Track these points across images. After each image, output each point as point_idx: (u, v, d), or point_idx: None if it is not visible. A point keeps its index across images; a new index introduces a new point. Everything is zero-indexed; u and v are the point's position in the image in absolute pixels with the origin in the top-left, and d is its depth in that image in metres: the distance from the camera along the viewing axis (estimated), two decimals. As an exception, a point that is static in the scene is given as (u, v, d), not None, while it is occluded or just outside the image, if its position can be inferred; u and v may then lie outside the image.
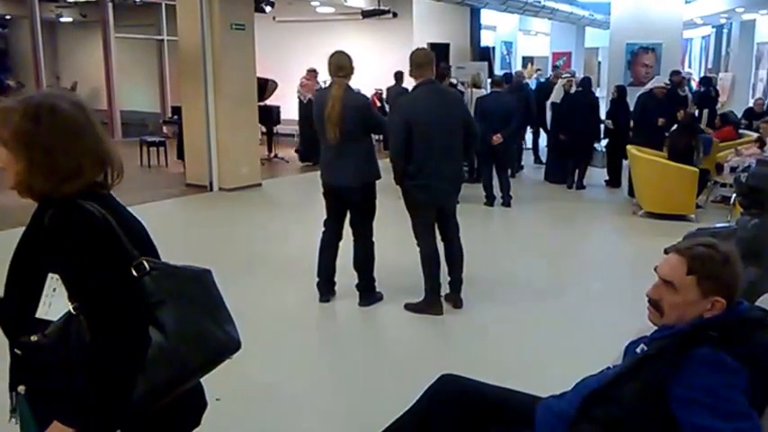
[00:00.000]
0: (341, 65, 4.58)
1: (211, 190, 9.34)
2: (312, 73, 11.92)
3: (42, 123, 1.53)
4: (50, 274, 1.56)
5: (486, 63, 14.42)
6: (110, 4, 15.12)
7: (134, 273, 1.54)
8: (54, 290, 1.56)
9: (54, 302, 1.56)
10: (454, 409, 2.20)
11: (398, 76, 11.76)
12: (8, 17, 17.87)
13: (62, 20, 17.56)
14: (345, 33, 14.23)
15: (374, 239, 4.80)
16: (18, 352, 1.60)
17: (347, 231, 4.85)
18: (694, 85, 14.46)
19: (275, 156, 12.38)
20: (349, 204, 4.73)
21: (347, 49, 4.81)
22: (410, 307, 4.74)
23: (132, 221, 1.66)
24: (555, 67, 14.15)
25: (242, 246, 6.65)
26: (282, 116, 13.17)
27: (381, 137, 9.82)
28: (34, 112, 1.53)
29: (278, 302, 5.00)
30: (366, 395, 3.61)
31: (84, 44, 18.43)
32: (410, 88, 4.95)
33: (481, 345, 4.33)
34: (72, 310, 1.54)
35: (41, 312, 1.56)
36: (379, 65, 12.38)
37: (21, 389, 1.88)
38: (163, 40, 15.99)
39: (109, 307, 1.51)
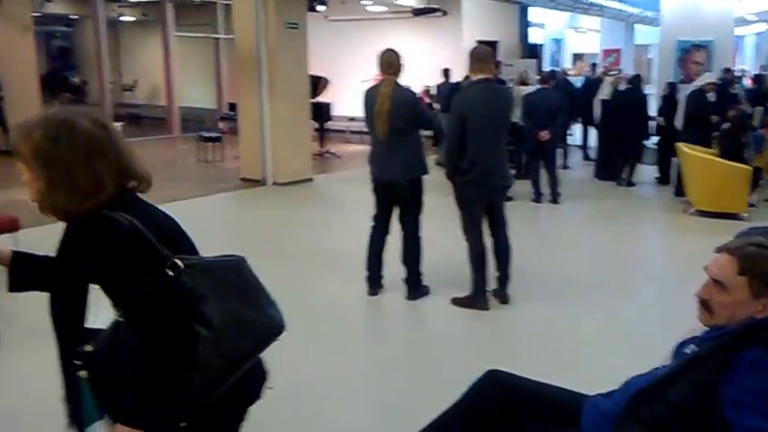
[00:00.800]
0: (390, 62, 4.61)
1: (265, 184, 9.47)
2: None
3: (61, 143, 1.54)
4: (92, 286, 1.62)
5: (534, 60, 14.24)
6: (169, 4, 15.45)
7: (170, 273, 1.55)
8: (98, 300, 1.62)
9: (100, 312, 1.63)
10: (500, 405, 2.19)
11: (447, 72, 11.72)
12: (73, 17, 18.43)
13: (124, 19, 18.03)
14: (395, 31, 14.22)
15: (421, 234, 4.80)
16: (77, 362, 1.65)
17: (395, 226, 4.86)
18: (749, 82, 13.97)
19: (326, 151, 12.47)
20: (397, 199, 4.75)
21: (397, 46, 4.82)
22: (457, 301, 4.73)
23: (163, 221, 1.66)
24: (593, 65, 13.75)
25: (293, 239, 6.73)
26: (334, 113, 13.27)
27: (432, 133, 9.79)
28: (54, 132, 1.55)
29: (327, 295, 5.04)
30: (412, 389, 3.61)
31: (144, 43, 18.88)
32: (460, 84, 4.93)
33: (527, 341, 4.30)
34: (119, 318, 1.59)
35: (91, 322, 1.64)
36: (428, 62, 12.34)
37: (82, 374, 1.96)
38: (219, 38, 16.26)
39: (149, 311, 1.55)
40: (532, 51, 15.57)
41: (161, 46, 15.83)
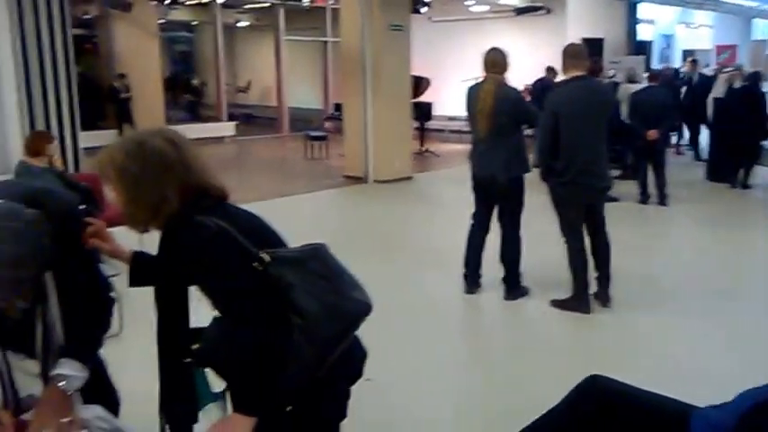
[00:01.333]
0: (495, 61, 4.54)
1: (366, 182, 9.59)
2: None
3: (134, 159, 1.62)
4: (190, 288, 1.68)
5: (642, 57, 13.59)
6: (281, 10, 15.96)
7: (258, 267, 1.59)
8: (198, 299, 1.68)
9: (200, 311, 1.68)
10: (602, 413, 2.09)
11: (550, 70, 11.42)
12: (194, 23, 19.39)
13: (239, 24, 18.78)
14: (498, 31, 13.99)
15: (522, 233, 4.69)
16: (188, 360, 1.72)
17: (495, 224, 4.78)
18: None
19: (426, 150, 12.47)
20: (497, 197, 4.66)
21: (501, 45, 4.73)
22: (557, 303, 4.58)
23: (247, 220, 1.71)
24: (693, 62, 12.90)
25: (392, 235, 6.77)
26: (434, 112, 13.25)
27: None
28: (130, 149, 1.64)
29: (425, 292, 5.03)
30: (508, 391, 3.53)
31: (257, 46, 19.59)
32: (556, 83, 4.78)
33: (631, 346, 4.09)
34: (217, 314, 1.64)
35: (193, 322, 1.70)
36: (530, 61, 12.06)
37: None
38: (327, 41, 16.62)
39: (243, 306, 1.59)
40: (640, 48, 14.86)
41: (273, 49, 16.38)
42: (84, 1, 13.93)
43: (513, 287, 4.77)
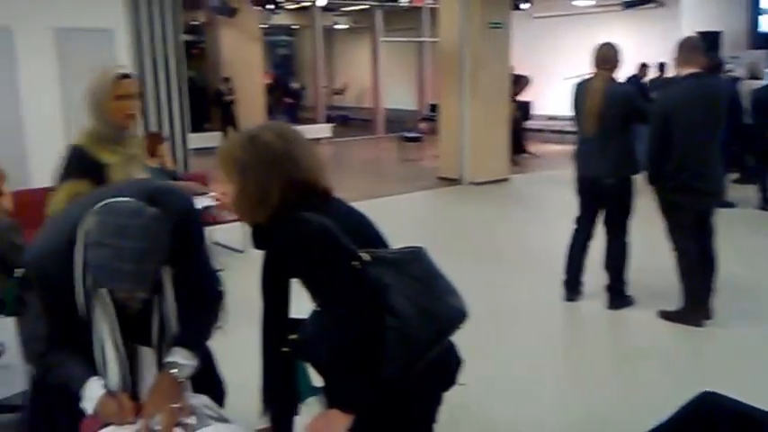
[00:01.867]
0: (606, 57, 4.40)
1: (461, 183, 9.55)
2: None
3: (246, 152, 1.68)
4: (292, 280, 1.73)
5: (765, 52, 12.74)
6: (379, 11, 16.17)
7: (357, 266, 1.62)
8: (298, 292, 1.73)
9: (301, 303, 1.74)
10: None
11: (643, 67, 10.98)
12: (295, 27, 20.00)
13: (337, 27, 19.19)
14: (604, 26, 13.55)
15: (629, 239, 4.53)
16: (285, 350, 1.78)
17: (598, 229, 4.64)
18: None
19: (524, 151, 12.26)
20: (605, 200, 4.51)
21: (606, 41, 4.59)
22: (665, 315, 4.38)
23: (352, 219, 1.75)
24: None
25: (488, 238, 6.71)
26: (533, 111, 13.01)
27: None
28: (243, 142, 1.70)
29: (522, 298, 4.96)
30: (610, 404, 3.42)
31: (353, 49, 19.95)
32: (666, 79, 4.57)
33: (742, 361, 3.85)
34: (316, 308, 1.69)
35: (293, 313, 1.76)
36: (639, 57, 11.61)
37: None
38: (423, 41, 16.69)
39: (341, 303, 1.62)
40: (763, 41, 13.94)
41: (369, 51, 16.63)
42: (192, 8, 14.69)
43: (618, 296, 4.61)
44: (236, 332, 2.17)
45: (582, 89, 4.47)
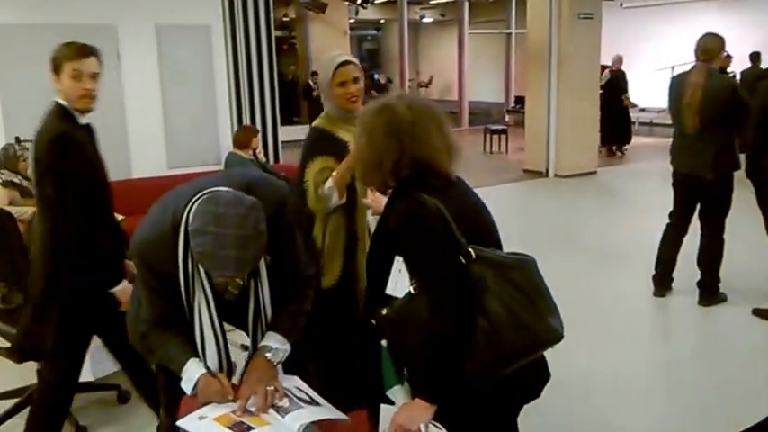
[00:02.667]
0: (706, 48, 4.16)
1: (547, 176, 9.34)
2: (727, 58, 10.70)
3: (375, 118, 1.70)
4: (397, 257, 1.72)
5: None
6: (466, 3, 15.98)
7: (462, 260, 1.60)
8: (399, 270, 1.71)
9: (399, 281, 1.71)
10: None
11: (755, 57, 10.31)
12: (382, 21, 20.08)
13: (424, 20, 19.11)
14: (698, 15, 12.87)
15: (724, 236, 4.32)
16: (373, 322, 1.79)
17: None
18: None
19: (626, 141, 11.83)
20: (703, 197, 4.31)
21: (699, 31, 4.35)
22: (760, 313, 4.15)
23: (470, 211, 1.71)
24: None
25: (575, 232, 6.53)
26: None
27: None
28: (375, 107, 1.71)
29: (609, 292, 4.80)
30: (699, 401, 3.28)
31: (439, 41, 19.82)
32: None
33: None
34: (412, 290, 1.67)
35: (389, 289, 1.73)
36: (740, 49, 10.96)
37: (383, 342, 2.12)
38: (511, 33, 16.38)
39: (439, 292, 1.60)
40: None
41: (455, 44, 16.47)
42: (283, 4, 15.01)
43: (710, 292, 4.40)
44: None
45: (680, 83, 4.26)
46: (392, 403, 1.76)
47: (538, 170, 9.46)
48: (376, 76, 19.01)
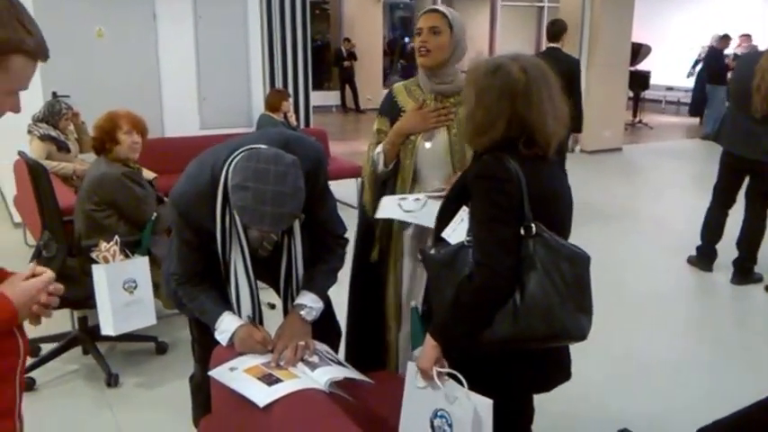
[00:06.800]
0: None
1: (572, 151, 9.19)
2: (745, 38, 10.38)
3: (486, 78, 1.63)
4: (464, 207, 1.69)
5: None
6: (500, -25, 15.62)
7: (522, 232, 1.57)
8: (462, 220, 1.69)
9: (458, 230, 1.69)
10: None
11: (724, 39, 10.02)
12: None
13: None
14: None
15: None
16: (419, 257, 1.77)
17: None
18: None
19: (639, 121, 11.62)
20: (755, 179, 4.26)
21: (751, 7, 4.18)
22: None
23: (547, 192, 1.65)
24: None
25: (601, 210, 6.41)
26: (651, 81, 12.25)
27: None
28: (488, 68, 1.65)
29: (645, 270, 4.72)
30: (734, 379, 3.22)
31: (473, 13, 19.41)
32: None
33: None
34: (465, 242, 1.64)
35: (446, 233, 1.71)
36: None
37: (413, 303, 2.11)
38: (543, 6, 16.01)
39: (486, 253, 1.57)
40: None
41: (488, 15, 16.14)
42: (318, -31, 14.80)
43: (744, 272, 4.39)
44: (344, 284, 2.19)
45: (748, 64, 4.10)
46: None
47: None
48: (410, 45, 18.75)
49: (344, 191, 5.59)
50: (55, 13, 5.13)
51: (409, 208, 2.07)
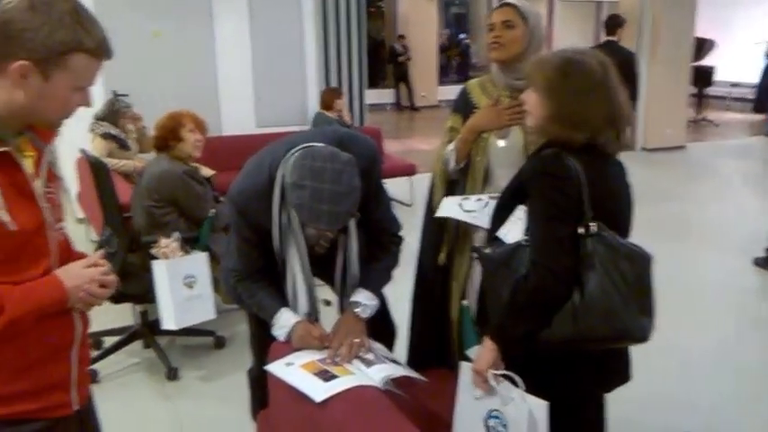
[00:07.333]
0: None
1: (633, 149, 8.96)
2: None
3: (569, 77, 1.59)
4: (520, 206, 1.66)
5: None
6: (559, -30, 15.34)
7: (581, 231, 1.54)
8: (519, 219, 1.66)
9: (513, 229, 1.66)
10: None
11: None
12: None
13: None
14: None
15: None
16: (474, 255, 1.74)
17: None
18: None
19: (703, 118, 11.22)
20: None
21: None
22: None
23: (609, 187, 1.63)
24: None
25: (662, 209, 6.22)
26: (715, 77, 11.82)
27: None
28: (565, 67, 1.61)
29: (709, 272, 4.56)
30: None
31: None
32: None
33: None
34: (523, 242, 1.62)
35: (501, 233, 1.68)
36: None
37: (464, 302, 2.10)
38: (602, 2, 15.64)
39: (543, 252, 1.54)
40: None
41: (545, 10, 15.88)
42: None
43: None
44: (399, 283, 2.19)
45: None
46: (471, 362, 1.74)
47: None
48: (465, 41, 18.62)
49: (398, 189, 5.60)
50: (115, 14, 5.29)
51: (470, 208, 2.04)
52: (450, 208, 2.10)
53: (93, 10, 1.27)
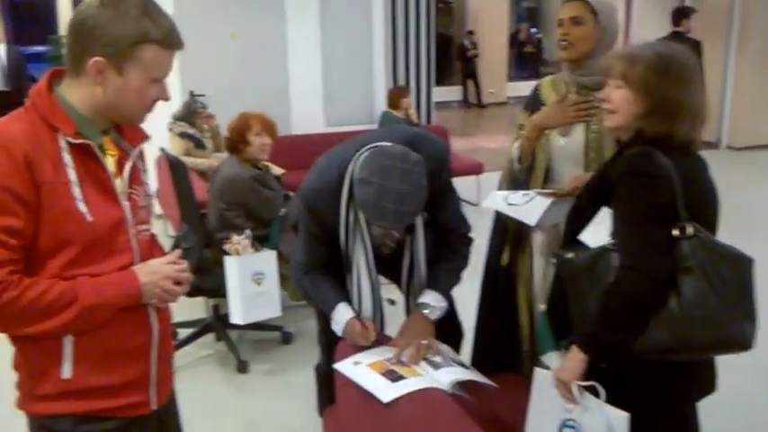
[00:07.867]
0: None
1: (718, 148, 8.58)
2: None
3: (668, 74, 1.55)
4: (605, 207, 1.60)
5: None
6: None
7: (675, 232, 1.48)
8: (603, 220, 1.59)
9: (598, 232, 1.59)
10: None
11: None
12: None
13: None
14: None
15: None
16: (553, 261, 1.71)
17: None
18: None
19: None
20: None
21: None
22: None
23: (703, 187, 1.58)
24: None
25: (751, 211, 5.90)
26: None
27: None
28: (661, 64, 1.56)
29: None
30: None
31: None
32: None
33: None
34: (608, 246, 1.55)
35: (584, 236, 1.62)
36: None
37: (541, 307, 2.06)
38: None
39: (635, 256, 1.48)
40: None
41: (623, 5, 15.37)
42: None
43: None
44: (467, 284, 2.16)
45: None
46: (546, 368, 1.71)
47: (708, 140, 8.68)
48: (537, 36, 18.30)
49: (465, 188, 5.52)
50: (193, 16, 5.49)
51: (514, 201, 1.98)
52: (495, 199, 2.07)
53: (172, 13, 1.32)
